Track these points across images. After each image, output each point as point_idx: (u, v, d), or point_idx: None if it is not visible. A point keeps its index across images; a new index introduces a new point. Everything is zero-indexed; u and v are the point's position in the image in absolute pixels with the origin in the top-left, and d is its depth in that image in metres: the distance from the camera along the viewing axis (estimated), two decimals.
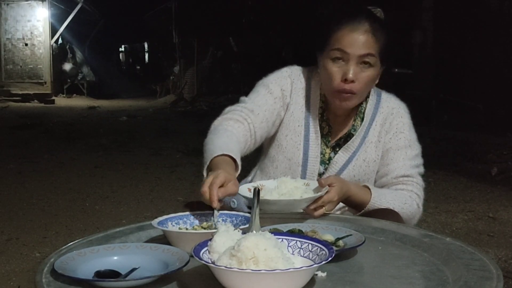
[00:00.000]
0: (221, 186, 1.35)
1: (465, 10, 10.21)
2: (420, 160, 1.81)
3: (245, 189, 1.55)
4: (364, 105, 1.81)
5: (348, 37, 1.66)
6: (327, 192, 1.52)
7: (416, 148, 1.81)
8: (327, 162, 1.80)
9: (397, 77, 10.85)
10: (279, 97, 1.80)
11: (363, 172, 1.77)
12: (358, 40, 1.66)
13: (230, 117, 1.73)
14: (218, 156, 1.51)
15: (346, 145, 1.78)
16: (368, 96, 1.81)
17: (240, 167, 1.54)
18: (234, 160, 1.53)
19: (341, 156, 1.78)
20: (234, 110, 1.76)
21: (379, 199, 1.67)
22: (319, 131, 1.79)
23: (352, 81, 1.66)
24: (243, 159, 1.63)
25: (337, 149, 1.80)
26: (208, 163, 1.50)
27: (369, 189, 1.68)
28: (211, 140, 1.62)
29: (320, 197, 1.51)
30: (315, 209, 1.52)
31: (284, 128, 1.80)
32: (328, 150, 1.81)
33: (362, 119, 1.80)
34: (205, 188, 1.34)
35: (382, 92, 1.86)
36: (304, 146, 1.78)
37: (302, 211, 1.55)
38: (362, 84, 1.69)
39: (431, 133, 8.41)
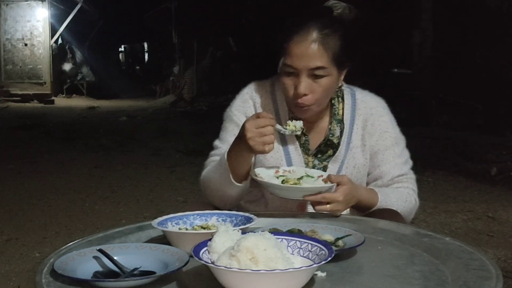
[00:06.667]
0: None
1: (464, 10, 10.22)
2: (407, 153, 1.81)
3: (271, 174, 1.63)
4: (337, 106, 1.77)
5: (296, 50, 1.60)
6: (334, 190, 1.55)
7: (402, 142, 1.80)
8: None
9: (397, 77, 10.86)
10: None
11: (355, 178, 1.74)
12: (305, 53, 1.59)
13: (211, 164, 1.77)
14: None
15: (334, 156, 1.75)
16: (341, 97, 1.78)
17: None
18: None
19: (330, 169, 1.74)
20: (212, 161, 1.77)
21: (385, 201, 1.68)
22: (296, 141, 1.75)
23: (305, 94, 1.63)
24: None
25: (319, 155, 1.76)
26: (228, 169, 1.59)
27: (375, 191, 1.69)
28: (212, 175, 1.69)
29: (321, 191, 1.53)
30: (317, 203, 1.54)
31: None
32: (310, 159, 1.76)
33: (339, 122, 1.77)
34: (249, 122, 1.50)
35: (356, 91, 1.81)
36: (286, 159, 1.74)
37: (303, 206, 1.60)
38: (317, 95, 1.64)
39: (431, 133, 8.41)
